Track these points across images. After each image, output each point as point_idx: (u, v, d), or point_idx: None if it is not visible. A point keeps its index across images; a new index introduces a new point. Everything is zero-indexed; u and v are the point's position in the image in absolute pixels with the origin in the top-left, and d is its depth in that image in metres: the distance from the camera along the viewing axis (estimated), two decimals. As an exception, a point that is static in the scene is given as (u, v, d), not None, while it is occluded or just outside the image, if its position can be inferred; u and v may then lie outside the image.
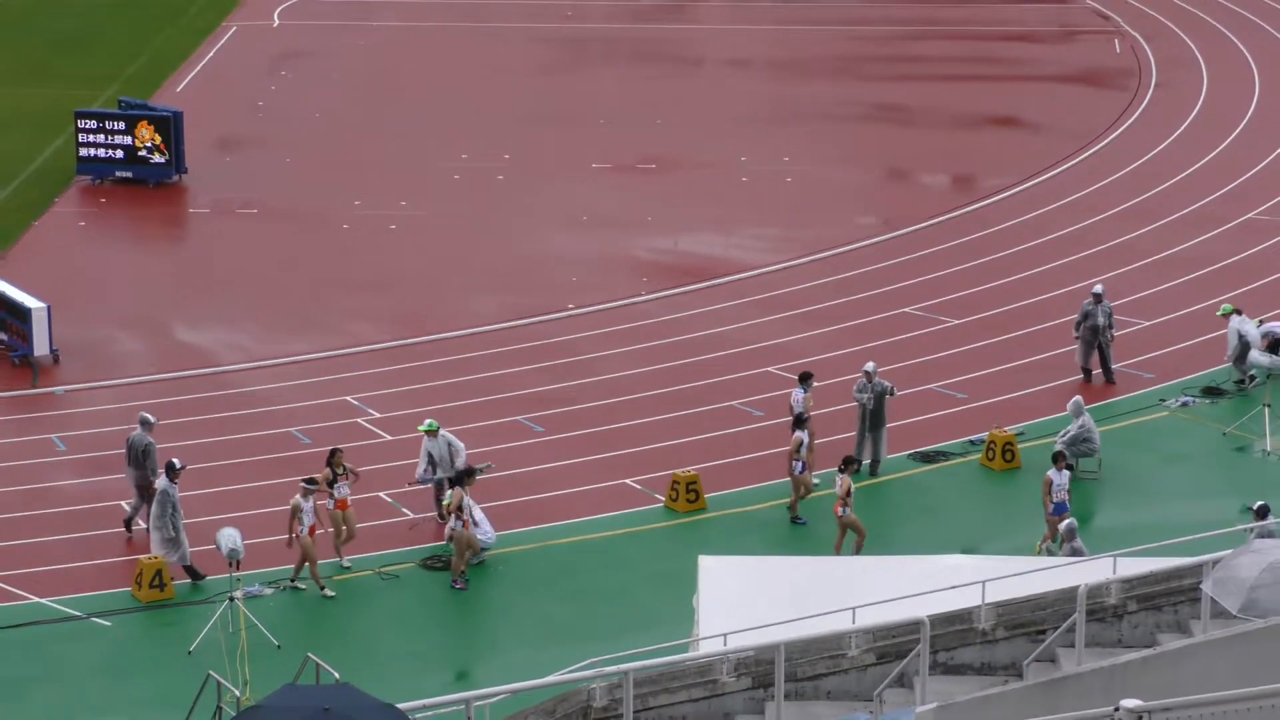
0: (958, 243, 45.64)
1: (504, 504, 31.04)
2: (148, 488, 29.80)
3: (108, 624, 27.82)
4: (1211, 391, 36.18)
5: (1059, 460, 29.86)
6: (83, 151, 50.25)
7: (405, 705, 16.06)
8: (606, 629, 27.06)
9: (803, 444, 30.88)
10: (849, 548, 29.23)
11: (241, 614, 26.50)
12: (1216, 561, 20.39)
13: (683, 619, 24.69)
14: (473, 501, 29.28)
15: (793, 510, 31.07)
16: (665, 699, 20.30)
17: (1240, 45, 67.40)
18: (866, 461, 32.71)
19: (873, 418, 32.83)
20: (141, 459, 30.40)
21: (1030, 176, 51.26)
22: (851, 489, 29.37)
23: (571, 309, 41.17)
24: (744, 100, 60.70)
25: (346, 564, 29.44)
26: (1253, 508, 27.25)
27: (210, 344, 39.35)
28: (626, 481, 32.55)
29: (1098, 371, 36.63)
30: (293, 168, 52.70)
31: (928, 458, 33.46)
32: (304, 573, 28.78)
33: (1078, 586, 21.02)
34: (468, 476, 29.33)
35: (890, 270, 43.62)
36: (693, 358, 38.03)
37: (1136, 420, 35.06)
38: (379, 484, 31.64)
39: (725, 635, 21.25)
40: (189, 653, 26.47)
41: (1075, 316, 36.94)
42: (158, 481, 29.24)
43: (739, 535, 30.45)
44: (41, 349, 37.40)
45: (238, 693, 23.93)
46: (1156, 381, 36.75)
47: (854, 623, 21.19)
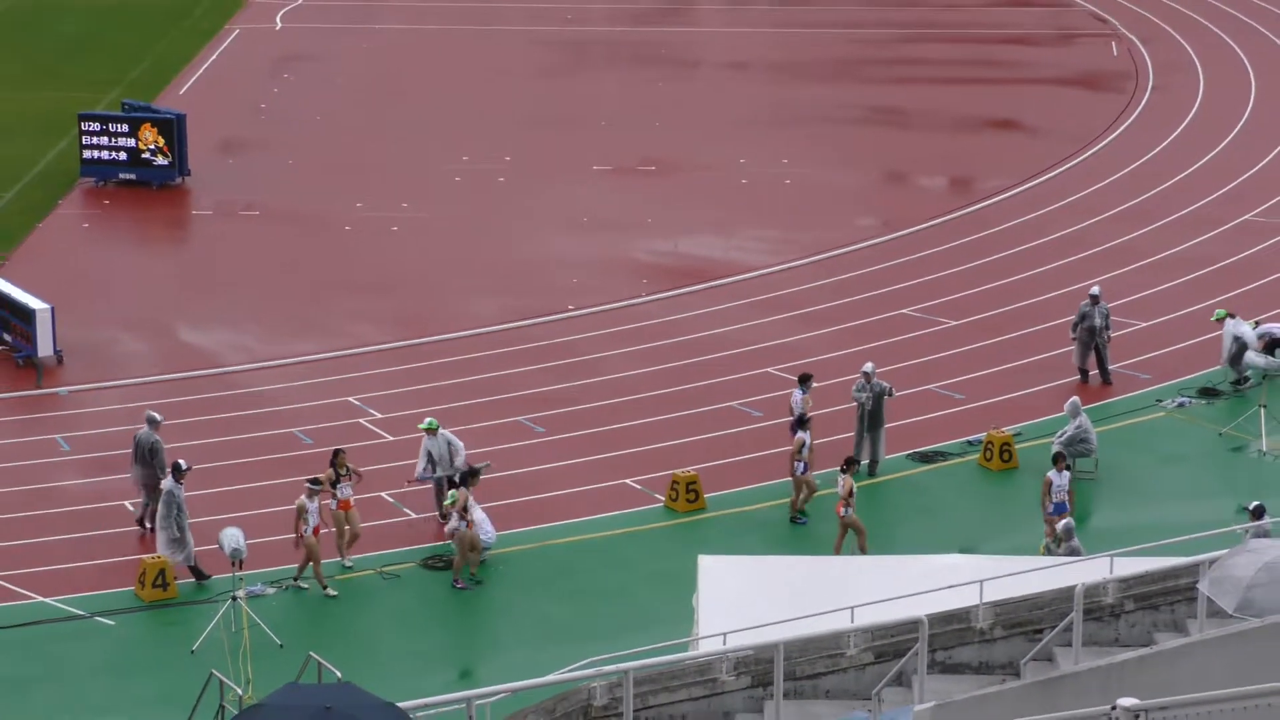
0: (956, 244, 45.67)
1: (504, 504, 31.05)
2: (156, 486, 29.79)
3: (111, 623, 27.85)
4: (1208, 392, 36.22)
5: (1059, 461, 30.01)
6: (86, 154, 50.35)
7: (406, 704, 16.04)
8: (606, 628, 27.08)
9: (805, 444, 30.97)
10: (850, 548, 29.26)
11: (244, 613, 26.53)
12: (1213, 561, 20.33)
13: (682, 618, 24.73)
14: (474, 501, 29.39)
15: (793, 510, 31.14)
16: (665, 698, 20.33)
17: (1236, 48, 67.44)
18: (865, 462, 32.73)
19: (871, 418, 32.88)
20: (149, 457, 30.48)
21: (1028, 178, 51.31)
22: (854, 489, 29.44)
23: (572, 310, 41.23)
24: (743, 103, 60.74)
25: (348, 563, 29.47)
26: (1248, 508, 27.33)
27: (213, 345, 39.43)
28: (626, 481, 32.60)
29: (1095, 372, 36.64)
30: (295, 170, 52.77)
31: (926, 458, 33.52)
32: (306, 572, 28.88)
33: (1075, 586, 21.02)
34: (472, 477, 29.40)
35: (889, 272, 43.69)
36: (693, 359, 38.06)
37: (1133, 421, 35.10)
38: (380, 484, 31.69)
39: (725, 634, 21.28)
40: (192, 652, 26.48)
41: (1072, 318, 36.95)
42: (163, 482, 29.25)
43: (738, 535, 30.46)
44: (45, 350, 37.48)
45: (240, 691, 23.98)
46: (1153, 382, 36.78)
47: (852, 622, 21.18)
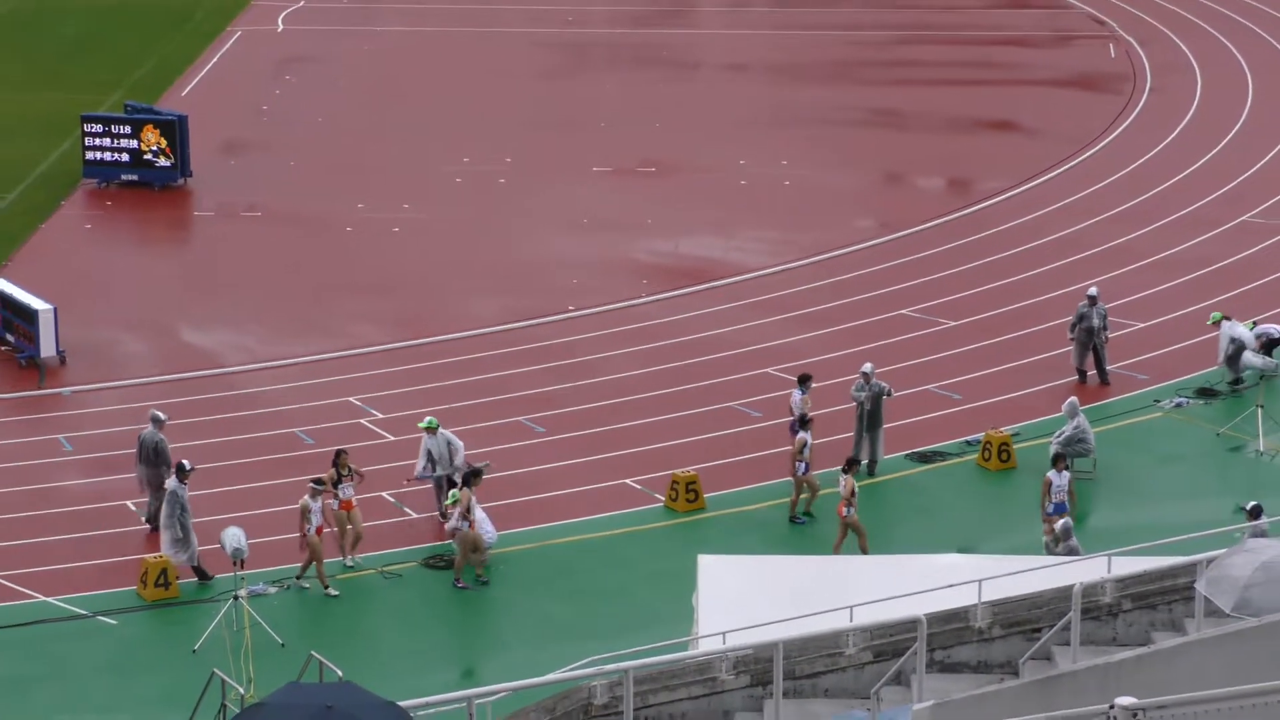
0: (954, 245, 45.76)
1: (505, 504, 31.08)
2: (162, 485, 29.83)
3: (113, 622, 27.90)
4: (1205, 393, 36.30)
5: (1059, 462, 30.13)
6: (89, 155, 50.47)
7: (407, 703, 16.05)
8: (607, 627, 27.13)
9: (806, 445, 31.05)
10: (850, 549, 29.26)
11: (246, 612, 26.54)
12: (1210, 561, 20.31)
13: (682, 617, 24.78)
14: (475, 501, 29.47)
15: (793, 510, 31.20)
16: (665, 696, 20.35)
17: (1234, 50, 67.55)
18: (864, 462, 32.84)
19: (870, 418, 32.95)
20: (154, 456, 30.59)
21: (1026, 180, 51.42)
22: (856, 490, 29.50)
23: (572, 311, 41.31)
24: (742, 104, 60.86)
25: (349, 563, 29.52)
26: (1246, 508, 27.40)
27: (215, 345, 39.52)
28: (626, 481, 32.66)
29: (1093, 373, 36.69)
30: (296, 171, 52.86)
31: (924, 458, 33.60)
32: (309, 571, 28.94)
33: (1073, 585, 21.04)
34: (475, 477, 29.47)
35: (887, 273, 43.77)
36: (692, 359, 38.13)
37: (1131, 421, 35.17)
38: (381, 484, 31.75)
39: (724, 633, 21.31)
40: (194, 651, 26.54)
41: (1070, 318, 37.06)
42: (167, 482, 29.32)
43: (738, 535, 30.52)
44: (48, 350, 37.59)
45: (242, 690, 24.01)
46: (1151, 383, 36.85)
47: (851, 621, 21.19)
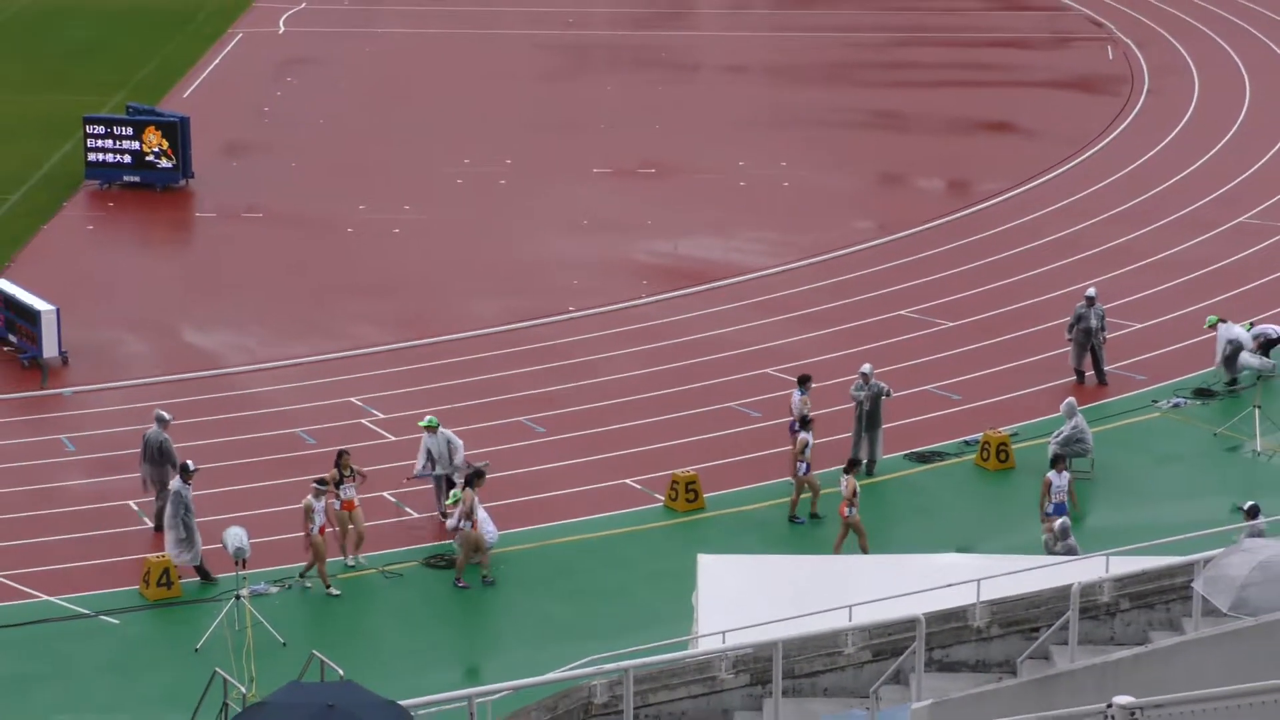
0: (953, 246, 45.85)
1: (505, 504, 31.12)
2: (166, 484, 29.87)
3: (115, 622, 27.93)
4: (1203, 393, 36.38)
5: (1059, 464, 30.22)
6: (91, 156, 50.57)
7: (408, 702, 16.16)
8: (607, 627, 27.17)
9: (808, 445, 31.08)
10: (850, 549, 29.31)
11: (248, 612, 26.56)
12: (1208, 560, 20.40)
13: (682, 617, 24.86)
14: (478, 501, 29.54)
15: (793, 510, 31.29)
16: (665, 695, 20.39)
17: (1231, 52, 67.65)
18: (863, 462, 32.95)
19: (869, 418, 33.00)
20: (159, 456, 30.68)
21: (1024, 181, 51.53)
22: (857, 490, 29.55)
23: (572, 311, 41.39)
24: (742, 106, 60.96)
25: (351, 562, 29.57)
26: (1243, 508, 27.45)
27: (216, 346, 39.59)
28: (626, 481, 32.71)
29: (1090, 373, 36.77)
30: (298, 173, 52.95)
31: (923, 458, 33.65)
32: (311, 570, 29.05)
33: (1071, 585, 21.11)
34: (478, 478, 29.51)
35: (886, 273, 43.86)
36: (692, 359, 38.19)
37: (1129, 421, 35.23)
38: (383, 484, 31.82)
39: (724, 633, 21.34)
40: (195, 650, 26.60)
41: (1068, 319, 37.13)
42: (171, 482, 29.38)
43: (737, 534, 30.55)
44: (50, 351, 37.68)
45: (243, 689, 23.98)
46: (1148, 383, 36.93)
47: (850, 620, 21.23)
